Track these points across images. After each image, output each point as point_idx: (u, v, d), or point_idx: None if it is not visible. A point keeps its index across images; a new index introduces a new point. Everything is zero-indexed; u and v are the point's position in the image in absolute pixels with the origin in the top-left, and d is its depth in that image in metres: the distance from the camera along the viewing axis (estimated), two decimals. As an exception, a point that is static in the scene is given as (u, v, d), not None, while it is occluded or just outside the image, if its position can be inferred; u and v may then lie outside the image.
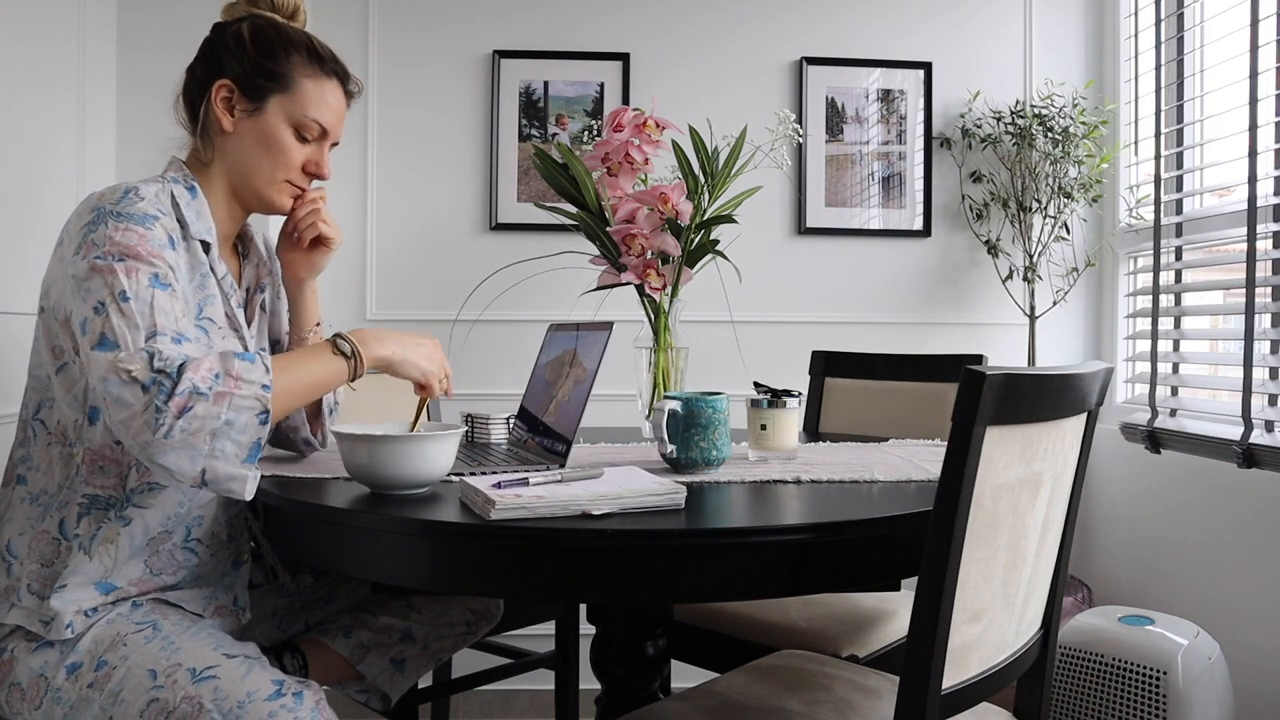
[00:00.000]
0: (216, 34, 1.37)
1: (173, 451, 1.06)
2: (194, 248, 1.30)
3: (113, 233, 1.17)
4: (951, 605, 0.98)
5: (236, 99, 1.33)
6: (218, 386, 1.07)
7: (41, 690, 1.18)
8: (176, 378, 1.06)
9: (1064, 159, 2.56)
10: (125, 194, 1.22)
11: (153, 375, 1.06)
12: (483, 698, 2.65)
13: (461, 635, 1.64)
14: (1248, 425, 1.98)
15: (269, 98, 1.33)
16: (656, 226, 1.72)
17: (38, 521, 1.24)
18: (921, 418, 1.99)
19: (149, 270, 1.16)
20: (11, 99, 1.88)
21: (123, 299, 1.13)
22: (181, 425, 1.05)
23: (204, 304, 1.30)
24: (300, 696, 1.15)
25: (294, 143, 1.35)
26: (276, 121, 1.33)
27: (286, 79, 1.33)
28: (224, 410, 1.07)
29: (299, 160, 1.37)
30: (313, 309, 1.48)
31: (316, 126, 1.36)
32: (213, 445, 1.08)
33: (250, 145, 1.34)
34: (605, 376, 1.53)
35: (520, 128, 2.67)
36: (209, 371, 1.08)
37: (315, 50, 1.37)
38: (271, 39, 1.34)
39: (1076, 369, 1.08)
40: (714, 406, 1.35)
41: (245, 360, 1.11)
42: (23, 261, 1.92)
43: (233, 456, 1.09)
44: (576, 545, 1.04)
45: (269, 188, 1.36)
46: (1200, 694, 1.77)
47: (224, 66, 1.33)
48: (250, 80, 1.32)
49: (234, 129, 1.33)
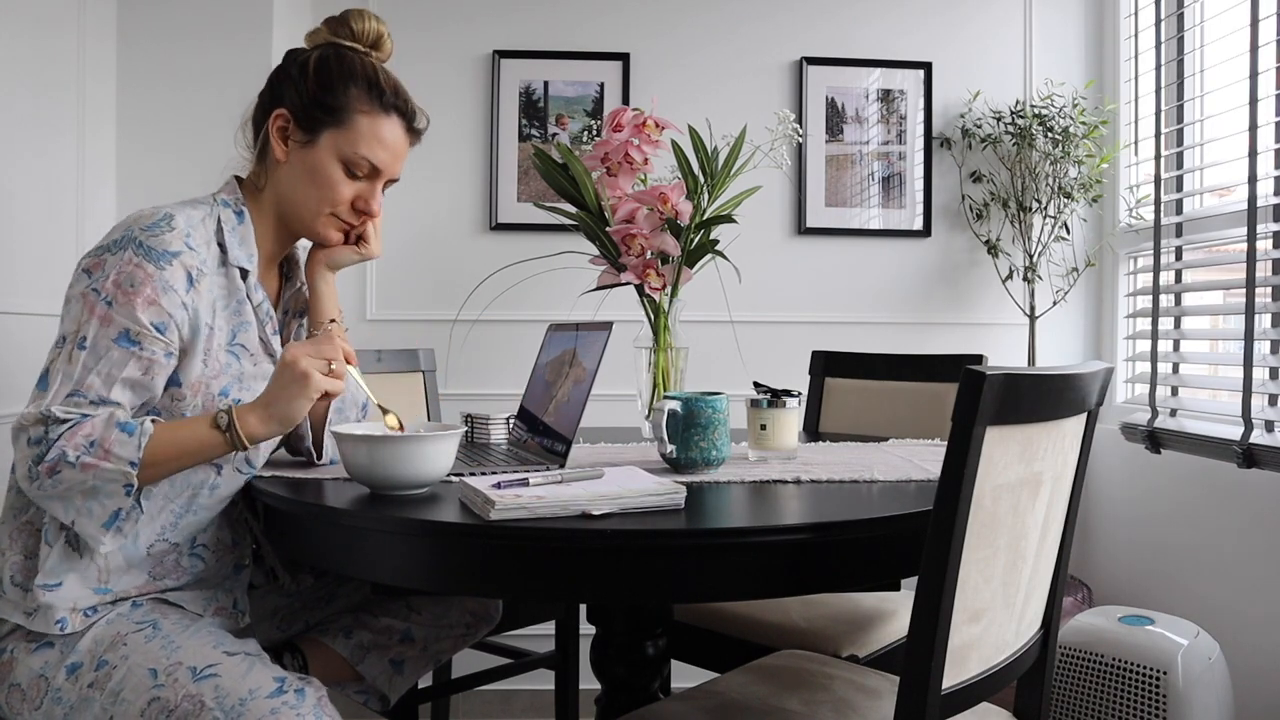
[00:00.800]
0: (286, 61, 1.37)
1: (47, 499, 1.16)
2: (232, 274, 1.31)
3: (125, 265, 1.19)
4: (951, 605, 0.98)
5: (291, 129, 1.33)
6: (86, 457, 1.13)
7: (42, 690, 1.18)
8: (51, 443, 1.13)
9: (1064, 159, 2.56)
10: (158, 221, 1.23)
11: (40, 432, 1.14)
12: (483, 698, 2.65)
13: (461, 636, 1.64)
14: (1248, 425, 1.98)
15: (322, 131, 1.32)
16: (656, 226, 1.72)
17: (21, 512, 1.25)
18: (921, 418, 1.99)
19: (124, 324, 1.18)
20: (11, 99, 1.88)
21: (79, 345, 1.18)
22: (50, 483, 1.14)
23: (238, 330, 1.31)
24: (302, 693, 1.15)
25: (342, 178, 1.34)
26: (326, 156, 1.33)
27: (341, 113, 1.32)
28: (89, 478, 1.13)
29: (346, 196, 1.35)
30: (329, 301, 1.44)
31: (366, 164, 1.34)
32: (83, 503, 1.15)
33: (299, 176, 1.34)
34: (605, 376, 1.53)
35: (520, 128, 2.67)
36: (85, 439, 1.13)
37: (376, 84, 1.34)
38: (333, 70, 1.33)
39: (1076, 369, 1.08)
40: (714, 406, 1.35)
41: (124, 432, 1.14)
42: (22, 261, 1.92)
43: (96, 518, 1.16)
44: (576, 545, 1.04)
45: (314, 220, 1.36)
46: (1200, 694, 1.77)
47: (284, 95, 1.33)
48: (306, 111, 1.32)
49: (286, 158, 1.34)
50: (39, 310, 1.93)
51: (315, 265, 1.44)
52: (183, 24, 2.31)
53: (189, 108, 2.29)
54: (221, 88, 2.28)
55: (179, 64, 2.31)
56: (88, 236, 2.11)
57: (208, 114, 2.28)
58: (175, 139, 2.29)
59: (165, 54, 2.30)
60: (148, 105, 2.29)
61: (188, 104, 2.29)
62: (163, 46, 2.30)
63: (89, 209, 2.15)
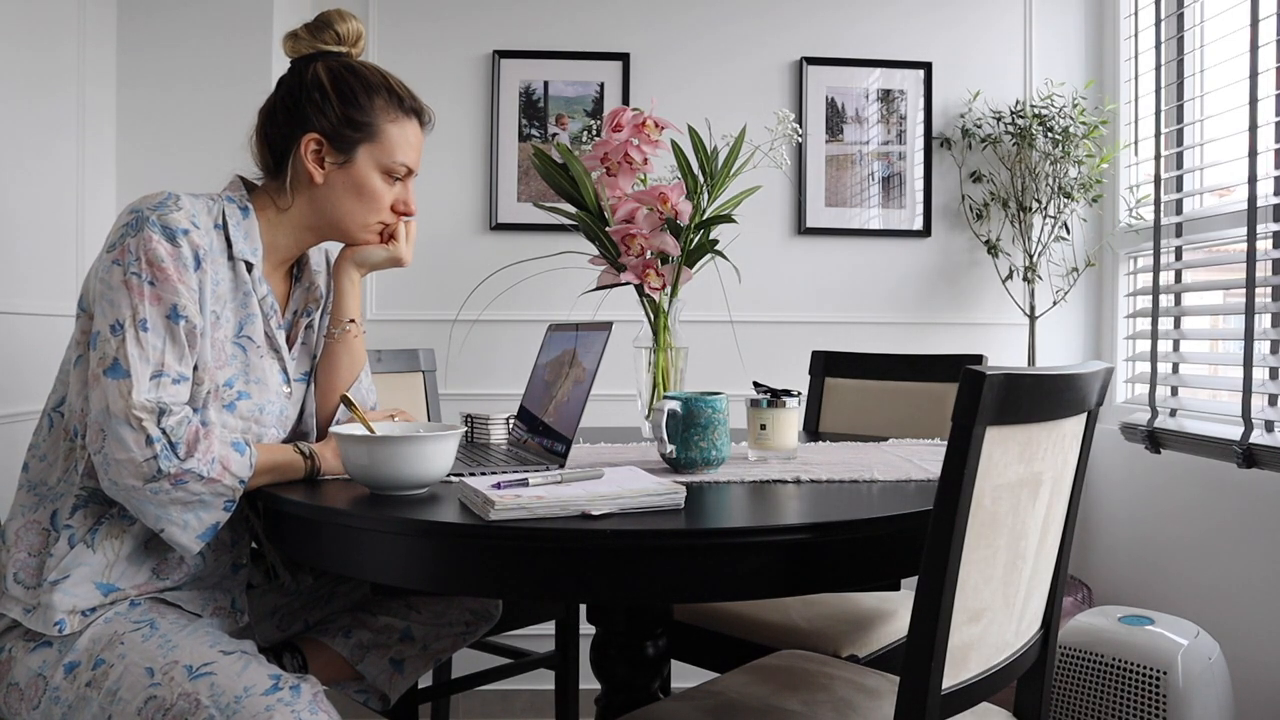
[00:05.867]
0: (296, 78, 1.37)
1: (146, 504, 1.16)
2: (238, 267, 1.32)
3: (146, 241, 1.20)
4: (951, 605, 0.98)
5: (326, 151, 1.34)
6: (212, 471, 1.17)
7: (40, 690, 1.18)
8: (186, 451, 1.15)
9: (1064, 159, 2.56)
10: (164, 200, 1.24)
11: (160, 433, 1.14)
12: (483, 698, 2.65)
13: (460, 635, 1.64)
14: (1248, 425, 1.98)
15: (358, 148, 1.35)
16: (656, 226, 1.72)
17: (30, 510, 1.25)
18: (921, 418, 1.99)
19: (171, 300, 1.20)
20: (11, 98, 1.88)
21: (142, 327, 1.18)
22: (169, 489, 1.15)
23: (245, 322, 1.32)
24: (298, 690, 1.15)
25: (384, 188, 1.38)
26: (367, 170, 1.36)
27: (372, 127, 1.35)
28: (206, 491, 1.17)
29: (389, 202, 1.40)
30: (352, 301, 1.45)
31: (403, 168, 1.38)
32: (181, 515, 1.18)
33: (342, 195, 1.36)
34: (605, 376, 1.53)
35: (520, 128, 2.67)
36: (209, 455, 1.17)
37: (395, 91, 1.38)
38: (354, 86, 1.35)
39: (1076, 369, 1.08)
40: (713, 406, 1.35)
41: (236, 451, 1.20)
42: (23, 262, 1.92)
43: (192, 530, 1.19)
44: (576, 545, 1.04)
45: (361, 232, 1.40)
46: (1200, 694, 1.77)
47: (309, 119, 1.34)
48: (338, 133, 1.34)
49: (324, 180, 1.35)
50: (40, 310, 1.93)
51: (344, 262, 1.45)
52: (183, 25, 2.31)
53: (189, 108, 2.29)
54: (221, 88, 2.28)
55: (179, 65, 2.31)
56: (88, 237, 2.11)
57: (208, 115, 2.28)
58: (175, 139, 2.29)
59: (165, 54, 2.30)
60: (148, 105, 2.29)
61: (188, 104, 2.29)
62: (162, 47, 2.30)
63: (89, 210, 2.15)
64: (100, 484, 1.18)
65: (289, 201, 1.36)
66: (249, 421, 1.29)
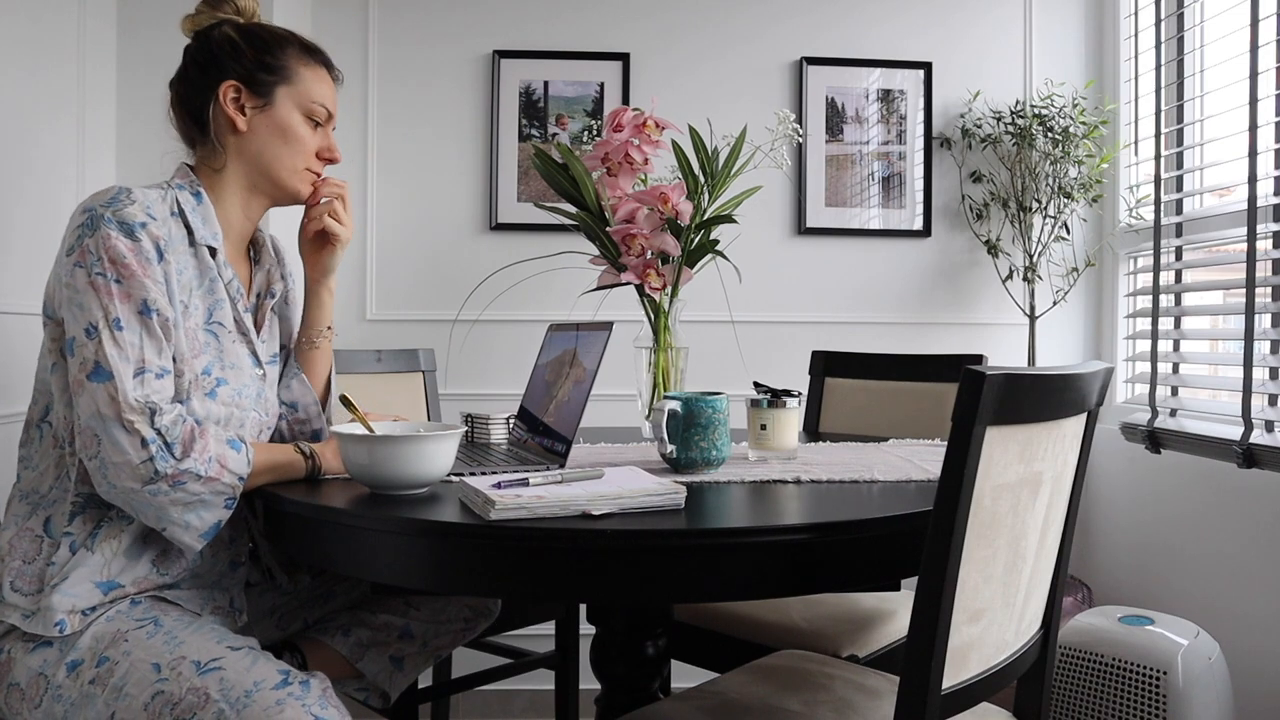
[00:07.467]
0: (201, 42, 1.38)
1: (146, 506, 1.17)
2: (201, 253, 1.32)
3: (105, 239, 1.19)
4: (951, 605, 0.98)
5: (245, 97, 1.35)
6: (209, 470, 1.18)
7: (41, 689, 1.18)
8: (182, 451, 1.16)
9: (1064, 159, 2.56)
10: (115, 196, 1.23)
11: (155, 434, 1.15)
12: (483, 698, 2.65)
13: (460, 632, 1.65)
14: (1248, 425, 1.98)
15: (276, 90, 1.36)
16: (656, 226, 1.72)
17: (24, 519, 1.25)
18: (921, 418, 1.99)
19: (140, 295, 1.19)
20: (11, 98, 1.88)
21: (116, 326, 1.17)
22: (167, 490, 1.16)
23: (213, 308, 1.32)
24: (307, 685, 1.15)
25: (307, 130, 1.39)
26: (288, 111, 1.37)
27: (287, 70, 1.37)
28: (206, 491, 1.18)
29: (314, 147, 1.41)
30: (325, 310, 1.48)
31: (323, 110, 1.40)
32: (182, 515, 1.18)
33: (267, 138, 1.36)
34: (605, 376, 1.53)
35: (520, 128, 2.67)
36: (205, 454, 1.18)
37: (305, 43, 1.41)
38: (264, 36, 1.38)
39: (1076, 369, 1.08)
40: (714, 406, 1.35)
41: (234, 449, 1.21)
42: (22, 261, 1.92)
43: (194, 530, 1.20)
44: (576, 545, 1.04)
45: (291, 177, 1.40)
46: (1200, 694, 1.77)
47: (224, 68, 1.35)
48: (254, 76, 1.35)
49: (247, 127, 1.35)
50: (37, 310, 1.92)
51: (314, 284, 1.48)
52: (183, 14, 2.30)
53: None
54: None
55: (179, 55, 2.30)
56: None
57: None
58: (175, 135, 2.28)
59: (165, 45, 2.28)
60: (148, 101, 2.28)
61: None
62: (162, 37, 2.28)
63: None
64: (97, 489, 1.18)
65: (222, 160, 1.36)
66: (231, 407, 1.29)
